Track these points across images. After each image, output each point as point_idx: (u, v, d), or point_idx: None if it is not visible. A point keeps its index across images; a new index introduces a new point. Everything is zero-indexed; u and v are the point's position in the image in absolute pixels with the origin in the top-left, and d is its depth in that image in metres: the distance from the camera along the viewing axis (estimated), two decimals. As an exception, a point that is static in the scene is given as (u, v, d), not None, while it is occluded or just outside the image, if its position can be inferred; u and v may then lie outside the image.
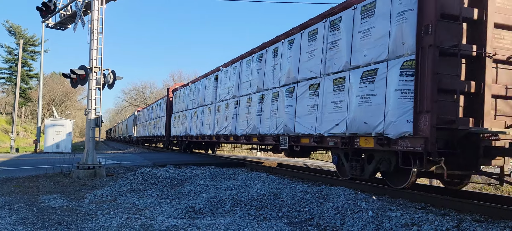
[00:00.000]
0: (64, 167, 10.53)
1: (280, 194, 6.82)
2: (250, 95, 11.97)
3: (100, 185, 8.81)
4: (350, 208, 5.65)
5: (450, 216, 5.33)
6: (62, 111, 62.11)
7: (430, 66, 6.20)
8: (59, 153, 20.66)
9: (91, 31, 10.27)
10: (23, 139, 45.82)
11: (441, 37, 6.26)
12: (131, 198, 7.32)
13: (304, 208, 6.03)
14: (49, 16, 12.21)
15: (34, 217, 5.59)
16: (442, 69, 6.24)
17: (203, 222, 5.32)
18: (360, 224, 5.06)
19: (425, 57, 6.28)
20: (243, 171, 11.12)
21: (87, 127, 10.51)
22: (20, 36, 57.81)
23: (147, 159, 15.24)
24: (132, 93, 74.27)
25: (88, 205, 6.59)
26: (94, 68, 10.25)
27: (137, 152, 26.25)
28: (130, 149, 34.84)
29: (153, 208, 6.44)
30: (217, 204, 6.37)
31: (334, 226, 5.20)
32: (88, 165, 10.03)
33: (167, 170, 10.62)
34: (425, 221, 4.91)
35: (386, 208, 5.56)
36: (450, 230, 4.62)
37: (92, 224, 5.26)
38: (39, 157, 17.71)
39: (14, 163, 13.95)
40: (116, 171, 10.93)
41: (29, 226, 5.11)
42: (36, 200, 6.98)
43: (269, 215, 5.83)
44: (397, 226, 4.87)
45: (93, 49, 10.23)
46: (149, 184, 8.73)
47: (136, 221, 5.45)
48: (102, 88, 10.45)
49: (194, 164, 12.83)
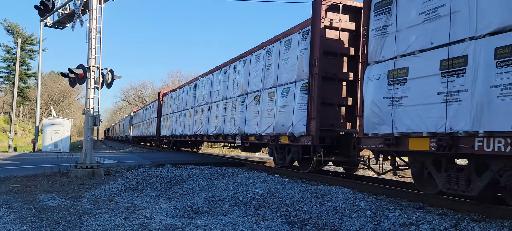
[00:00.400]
0: (62, 166, 10.50)
1: (278, 194, 6.82)
2: (218, 102, 14.82)
3: (98, 184, 8.79)
4: (349, 208, 5.66)
5: (448, 216, 5.34)
6: (60, 110, 61.95)
7: (316, 87, 9.03)
8: (57, 152, 20.63)
9: (90, 30, 10.25)
10: (21, 138, 45.70)
11: (324, 68, 9.12)
12: (130, 197, 7.32)
13: (303, 207, 6.03)
14: (48, 15, 12.18)
15: (32, 217, 5.58)
16: (325, 89, 9.15)
17: (201, 222, 5.32)
18: (358, 224, 5.06)
19: (313, 81, 9.10)
20: (242, 171, 11.13)
21: (85, 126, 10.49)
22: (18, 35, 57.64)
23: (146, 158, 15.23)
24: (131, 93, 74.21)
25: (86, 205, 6.57)
26: (93, 67, 10.23)
27: (135, 151, 26.21)
28: (129, 149, 34.82)
29: (151, 207, 6.44)
30: (215, 204, 6.37)
31: (333, 225, 5.20)
32: (86, 164, 10.01)
33: (165, 170, 10.62)
34: (423, 221, 4.92)
35: (384, 207, 5.57)
36: (448, 229, 4.64)
37: (90, 223, 5.25)
38: (37, 156, 17.69)
39: (12, 162, 13.92)
40: (115, 170, 10.92)
41: (27, 226, 5.09)
42: (34, 199, 6.97)
43: (267, 215, 5.83)
44: (395, 226, 4.87)
45: (92, 48, 10.21)
46: (148, 183, 8.72)
47: (134, 220, 5.44)
48: (101, 88, 10.42)
49: (193, 163, 12.83)
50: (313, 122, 9.00)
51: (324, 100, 9.12)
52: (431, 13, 5.96)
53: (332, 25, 9.35)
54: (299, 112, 9.34)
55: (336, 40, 9.42)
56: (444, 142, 5.50)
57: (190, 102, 18.58)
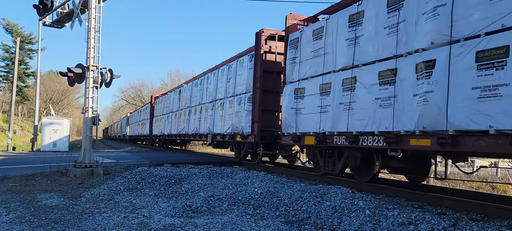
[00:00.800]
0: (61, 165, 10.50)
1: (277, 193, 6.82)
2: (195, 106, 17.70)
3: (97, 183, 8.79)
4: (347, 207, 5.66)
5: (447, 215, 5.34)
6: (59, 109, 61.84)
7: (258, 98, 11.62)
8: (56, 151, 20.58)
9: (89, 29, 10.23)
10: (20, 138, 45.62)
11: (264, 83, 11.66)
12: (128, 196, 7.31)
13: (302, 206, 6.04)
14: (46, 14, 12.14)
15: (30, 216, 5.57)
16: (264, 99, 11.62)
17: (200, 221, 5.31)
18: (357, 223, 5.06)
19: (256, 94, 11.72)
20: (241, 170, 11.13)
21: (84, 126, 10.48)
22: (17, 34, 57.48)
23: (144, 158, 15.22)
24: (130, 92, 74.10)
25: (85, 204, 6.57)
26: (92, 66, 10.21)
27: (134, 151, 26.19)
28: (127, 148, 34.82)
29: (150, 206, 6.44)
30: (214, 203, 6.37)
31: (331, 224, 5.20)
32: (85, 163, 10.00)
33: (164, 169, 10.61)
34: (421, 220, 4.92)
35: (383, 207, 5.58)
36: (447, 229, 4.64)
37: (89, 222, 5.24)
38: (36, 155, 17.67)
39: (11, 161, 13.90)
40: (113, 170, 10.91)
41: (26, 225, 5.09)
42: (32, 198, 6.96)
43: (266, 214, 5.83)
44: (394, 225, 4.88)
45: (91, 48, 10.20)
46: (147, 182, 8.71)
47: (133, 220, 5.44)
48: (100, 87, 10.41)
49: (192, 162, 12.83)
50: (256, 124, 11.64)
51: (264, 108, 11.59)
52: (316, 52, 8.73)
53: (270, 50, 11.95)
54: (247, 117, 12.06)
55: (273, 62, 11.97)
56: (319, 138, 8.33)
57: (176, 106, 21.46)
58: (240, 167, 12.48)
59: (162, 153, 21.38)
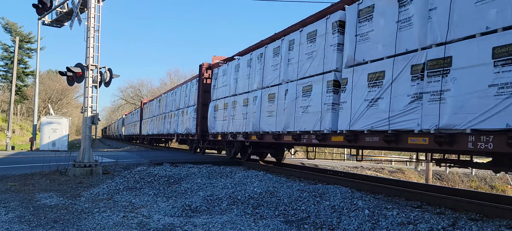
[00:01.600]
0: (60, 165, 10.48)
1: (276, 193, 6.83)
2: (168, 112, 23.57)
3: (96, 183, 8.78)
4: (347, 207, 5.67)
5: (446, 215, 5.35)
6: (58, 109, 61.74)
7: (199, 109, 17.10)
8: (55, 151, 20.57)
9: (88, 28, 10.22)
10: (19, 137, 45.53)
11: (203, 99, 16.75)
12: (128, 196, 7.31)
13: (301, 206, 6.04)
14: (46, 14, 12.13)
15: (30, 215, 5.56)
16: (204, 111, 16.34)
17: (199, 220, 5.31)
18: (356, 223, 5.07)
19: (198, 106, 17.23)
20: (240, 170, 11.13)
21: (83, 125, 10.46)
22: (16, 33, 57.39)
23: (144, 157, 15.21)
24: (129, 91, 74.12)
25: (85, 203, 6.56)
26: (91, 66, 10.20)
27: (133, 150, 26.17)
28: (127, 147, 34.78)
29: (149, 206, 6.43)
30: (213, 202, 6.37)
31: (331, 224, 5.20)
32: (85, 163, 9.99)
33: (163, 168, 10.60)
34: (421, 220, 4.93)
35: (382, 206, 5.58)
36: (446, 228, 4.64)
37: (89, 222, 5.24)
38: (35, 155, 17.65)
39: (10, 160, 13.89)
40: (113, 169, 10.90)
41: (25, 224, 5.08)
42: (32, 198, 6.95)
43: (265, 214, 5.84)
44: (393, 225, 4.88)
45: (90, 47, 10.18)
46: (146, 182, 8.71)
47: (133, 219, 5.44)
48: (99, 86, 10.39)
49: (191, 162, 12.82)
50: (198, 127, 17.20)
51: (203, 115, 16.36)
52: (224, 83, 13.86)
53: (209, 76, 16.64)
54: (193, 122, 17.98)
55: (209, 85, 16.04)
56: (223, 135, 13.67)
57: (157, 111, 27.91)
58: (239, 166, 12.47)
59: (161, 152, 21.39)
